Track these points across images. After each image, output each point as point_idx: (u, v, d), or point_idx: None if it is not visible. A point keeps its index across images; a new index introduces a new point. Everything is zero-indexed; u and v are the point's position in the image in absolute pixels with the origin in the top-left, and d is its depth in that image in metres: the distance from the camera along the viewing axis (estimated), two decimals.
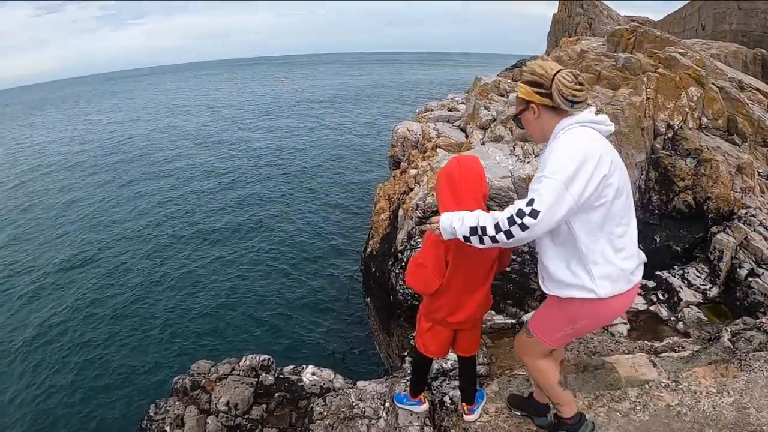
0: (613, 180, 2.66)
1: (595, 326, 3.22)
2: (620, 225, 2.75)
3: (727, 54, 19.51)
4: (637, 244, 2.92)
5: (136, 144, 42.02)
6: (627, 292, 2.84)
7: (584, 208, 2.65)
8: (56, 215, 25.26)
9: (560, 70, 2.76)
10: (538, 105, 2.88)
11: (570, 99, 2.73)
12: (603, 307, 2.85)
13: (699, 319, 7.42)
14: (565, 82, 2.71)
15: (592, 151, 2.61)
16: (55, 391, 12.01)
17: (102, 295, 16.32)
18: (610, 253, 2.75)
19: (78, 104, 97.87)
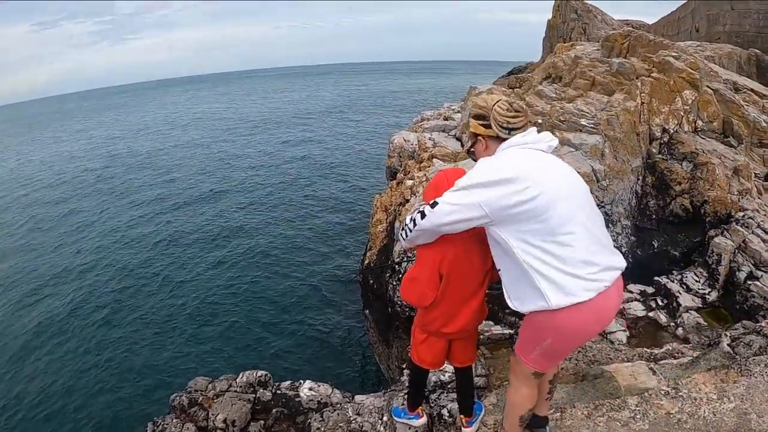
0: (537, 193, 2.67)
1: (566, 343, 3.03)
2: (563, 234, 2.71)
3: (722, 55, 19.54)
4: (599, 249, 2.82)
5: (137, 157, 42.15)
6: (588, 302, 2.74)
7: (512, 221, 2.75)
8: (51, 229, 25.36)
9: (498, 101, 2.94)
10: (484, 137, 3.07)
11: (506, 126, 2.91)
12: (561, 319, 2.78)
13: (698, 324, 7.39)
14: (500, 111, 2.91)
15: (508, 169, 2.73)
16: (51, 411, 11.98)
17: (95, 312, 16.32)
18: (556, 262, 2.72)
19: (76, 120, 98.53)
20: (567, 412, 4.13)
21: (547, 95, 13.26)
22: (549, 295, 2.74)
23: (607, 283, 2.74)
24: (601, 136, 10.22)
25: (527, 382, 3.31)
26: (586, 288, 2.71)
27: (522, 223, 2.73)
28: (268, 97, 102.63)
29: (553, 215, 2.69)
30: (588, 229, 2.77)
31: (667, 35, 34.12)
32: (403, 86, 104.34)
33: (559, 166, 2.90)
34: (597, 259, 2.75)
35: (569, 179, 2.87)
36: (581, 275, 2.70)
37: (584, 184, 2.97)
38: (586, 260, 2.72)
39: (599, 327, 2.93)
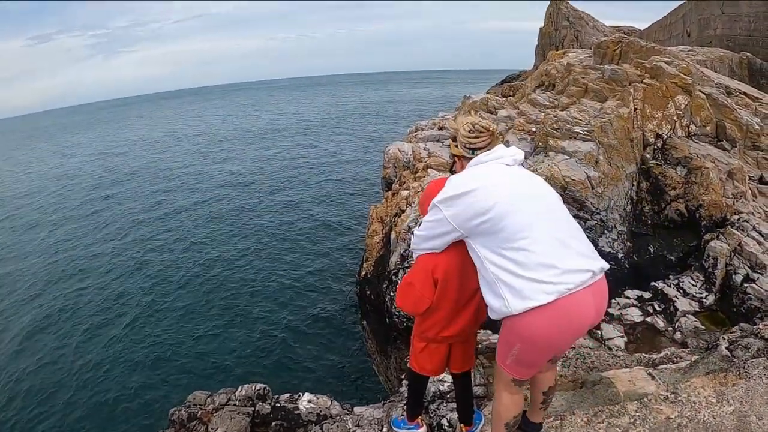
0: (493, 203, 2.79)
1: (535, 349, 2.97)
2: (520, 240, 2.73)
3: (713, 59, 19.65)
4: (562, 253, 2.80)
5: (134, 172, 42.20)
6: (549, 305, 2.72)
7: (476, 232, 2.89)
8: (46, 242, 25.29)
9: (465, 123, 3.10)
10: (458, 156, 3.21)
11: (469, 147, 3.07)
12: (523, 324, 2.77)
13: (696, 328, 7.40)
14: (463, 133, 3.08)
15: (465, 184, 2.90)
16: (49, 426, 11.93)
17: (90, 327, 16.23)
18: (514, 268, 2.74)
19: (71, 134, 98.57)
20: (566, 419, 4.11)
21: (541, 103, 13.33)
22: (509, 300, 2.76)
23: (570, 285, 2.69)
24: (595, 143, 10.26)
25: (508, 389, 3.28)
26: (544, 291, 2.68)
27: (484, 232, 2.84)
28: (263, 109, 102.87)
29: (508, 223, 2.74)
30: (549, 234, 2.76)
31: (658, 40, 34.28)
32: (397, 96, 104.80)
33: (520, 176, 2.99)
34: (558, 262, 2.70)
35: (529, 186, 2.95)
36: (539, 278, 2.68)
37: (551, 191, 3.03)
38: (544, 263, 2.70)
39: (568, 331, 2.86)
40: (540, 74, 16.17)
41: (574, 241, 2.86)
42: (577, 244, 2.87)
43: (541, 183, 3.05)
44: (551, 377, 3.57)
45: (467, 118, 3.14)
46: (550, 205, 2.92)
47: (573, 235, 2.88)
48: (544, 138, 10.99)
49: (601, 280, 2.86)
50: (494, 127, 3.11)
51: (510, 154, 3.01)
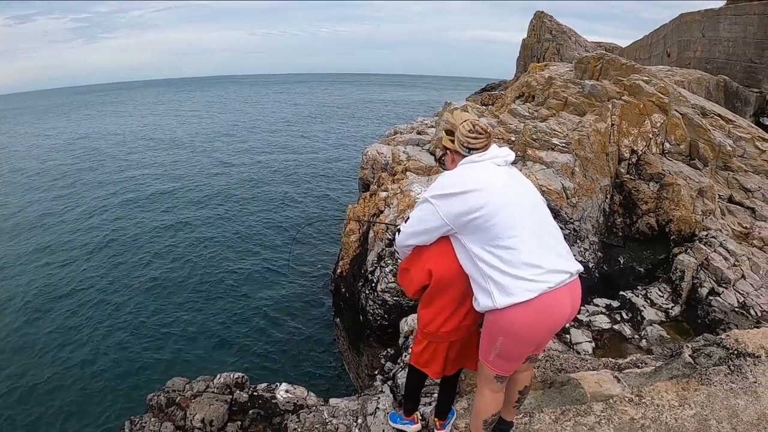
0: (484, 202, 2.93)
1: (516, 342, 3.10)
2: (508, 239, 2.90)
3: (691, 81, 19.99)
4: (546, 254, 2.96)
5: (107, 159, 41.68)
6: (530, 301, 2.87)
7: (466, 229, 3.04)
8: (22, 231, 24.92)
9: (465, 121, 3.17)
10: (451, 150, 3.30)
11: (466, 146, 3.15)
12: (506, 318, 2.95)
13: (661, 336, 7.60)
14: (463, 131, 3.14)
15: (460, 183, 3.04)
16: (28, 408, 11.84)
17: (76, 313, 16.09)
18: (501, 265, 2.91)
19: (49, 117, 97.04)
20: (535, 416, 4.24)
21: (521, 113, 13.51)
22: (494, 295, 2.94)
23: (551, 284, 2.87)
24: (572, 155, 10.47)
25: (491, 386, 3.41)
26: (528, 288, 2.86)
27: (474, 229, 2.98)
28: (241, 104, 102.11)
29: (498, 222, 2.90)
30: (535, 234, 2.95)
31: (639, 59, 34.73)
32: (375, 98, 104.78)
33: (510, 177, 3.13)
34: (542, 262, 2.89)
35: (518, 188, 3.10)
36: (523, 276, 2.87)
37: (537, 194, 3.19)
38: (529, 262, 2.88)
39: (547, 326, 3.03)
40: (521, 85, 16.37)
41: (555, 243, 3.05)
42: (558, 246, 3.06)
43: (529, 185, 3.21)
44: (528, 377, 3.71)
45: (464, 115, 3.25)
46: (536, 207, 3.11)
47: (555, 237, 3.08)
48: (523, 147, 11.16)
49: (576, 279, 3.05)
50: (491, 130, 3.24)
51: (502, 155, 3.16)
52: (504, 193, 2.97)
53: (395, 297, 8.60)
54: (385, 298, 8.64)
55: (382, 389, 5.79)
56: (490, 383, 3.39)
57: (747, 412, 4.03)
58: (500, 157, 3.15)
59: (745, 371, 4.44)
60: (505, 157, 3.16)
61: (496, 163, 3.14)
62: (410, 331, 6.92)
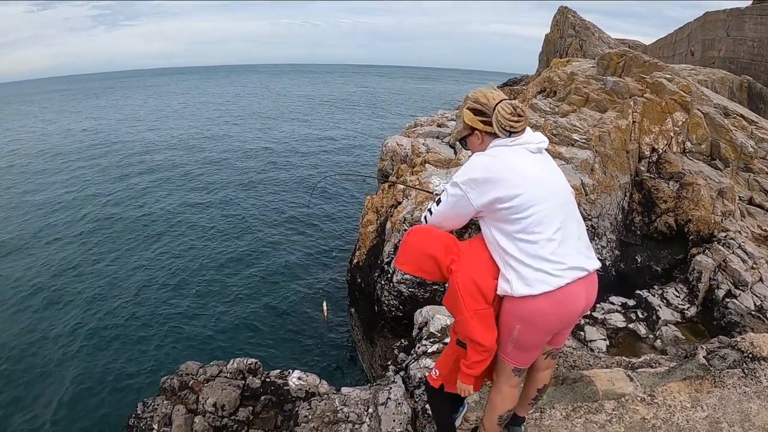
0: (519, 192, 2.84)
1: (532, 332, 3.12)
2: (536, 233, 2.87)
3: (714, 80, 19.80)
4: (568, 251, 2.95)
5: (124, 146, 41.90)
6: (547, 294, 2.91)
7: (495, 217, 2.95)
8: (42, 213, 25.13)
9: (501, 101, 2.97)
10: (481, 132, 3.09)
11: (508, 129, 2.95)
12: (523, 306, 2.94)
13: (676, 337, 7.56)
14: (504, 114, 2.93)
15: (496, 169, 2.89)
16: (43, 390, 11.99)
17: (90, 297, 16.23)
18: (523, 257, 2.88)
19: (74, 101, 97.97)
20: (546, 412, 4.23)
21: (542, 109, 13.43)
22: (513, 283, 2.92)
23: (568, 280, 2.87)
24: (592, 151, 10.41)
25: (509, 381, 3.37)
26: (546, 282, 2.86)
27: (503, 219, 2.91)
28: (264, 93, 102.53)
29: (527, 216, 2.84)
30: (561, 230, 2.91)
31: (662, 57, 34.41)
32: (397, 90, 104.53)
33: (544, 167, 3.03)
34: (563, 259, 2.88)
35: (552, 181, 3.01)
36: (544, 269, 2.86)
37: (568, 186, 3.12)
38: (551, 258, 2.87)
39: (561, 317, 3.02)
40: (542, 80, 16.28)
41: (578, 240, 3.03)
42: (581, 243, 3.04)
43: (561, 177, 3.13)
44: (548, 375, 3.66)
45: (499, 95, 3.05)
46: (566, 201, 3.05)
47: (579, 233, 3.04)
48: None
49: (593, 275, 3.04)
50: (525, 110, 3.08)
51: (536, 141, 3.04)
52: (537, 186, 2.90)
53: (411, 288, 8.60)
54: (401, 289, 8.65)
55: (394, 379, 5.79)
56: (508, 378, 3.35)
57: (760, 416, 4.00)
58: (534, 144, 3.03)
59: (759, 375, 4.41)
60: (538, 144, 3.04)
61: (530, 149, 3.01)
62: (424, 322, 6.92)
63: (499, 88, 3.46)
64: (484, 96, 3.03)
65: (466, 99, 3.16)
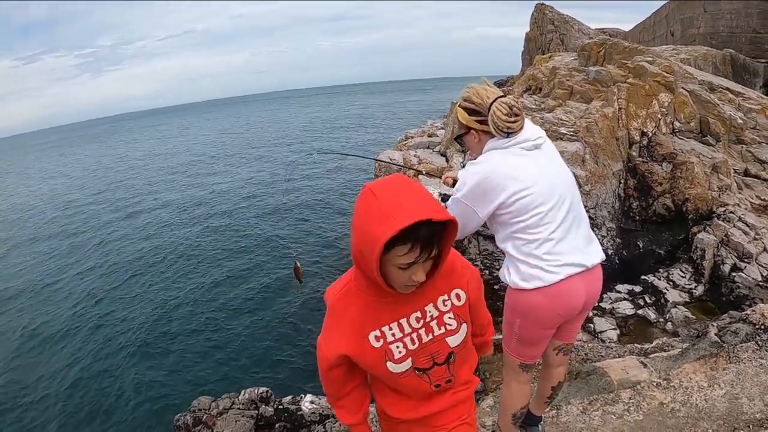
0: (520, 197, 2.79)
1: (530, 326, 3.06)
2: (537, 233, 2.82)
3: (697, 57, 19.81)
4: (567, 248, 2.89)
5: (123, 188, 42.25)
6: (543, 288, 2.87)
7: (498, 220, 2.90)
8: (44, 260, 25.23)
9: (496, 100, 2.87)
10: (478, 131, 3.01)
11: (506, 131, 2.85)
12: (519, 299, 2.92)
13: (686, 317, 7.51)
14: (500, 115, 2.83)
15: (491, 177, 2.82)
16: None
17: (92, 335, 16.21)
18: (518, 254, 2.84)
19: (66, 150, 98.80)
20: (562, 409, 4.17)
21: (528, 107, 13.43)
22: (511, 275, 2.91)
23: (562, 276, 2.81)
24: (581, 142, 10.39)
25: (516, 377, 3.33)
26: (542, 278, 2.83)
27: (503, 221, 2.87)
28: (254, 121, 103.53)
29: (531, 216, 2.79)
30: (561, 227, 2.86)
31: (643, 41, 34.48)
32: (386, 105, 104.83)
33: (544, 164, 2.94)
34: (562, 257, 2.82)
35: (552, 177, 2.93)
36: (542, 267, 2.82)
37: (570, 178, 3.03)
38: (549, 256, 2.82)
39: (558, 311, 2.96)
40: (527, 78, 16.31)
41: (578, 235, 2.97)
42: (580, 238, 2.97)
43: (561, 169, 3.05)
44: (562, 372, 3.59)
45: (494, 92, 2.94)
46: (567, 196, 2.97)
47: (580, 228, 2.99)
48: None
49: (594, 269, 2.99)
50: (522, 105, 2.99)
51: (532, 139, 2.95)
52: (537, 188, 2.83)
53: None
54: None
55: None
56: (515, 374, 3.31)
57: None
58: (530, 141, 2.93)
59: None
60: (535, 141, 2.93)
61: (526, 148, 2.92)
62: None
63: None
64: (477, 95, 2.94)
65: (462, 98, 3.07)
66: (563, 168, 3.06)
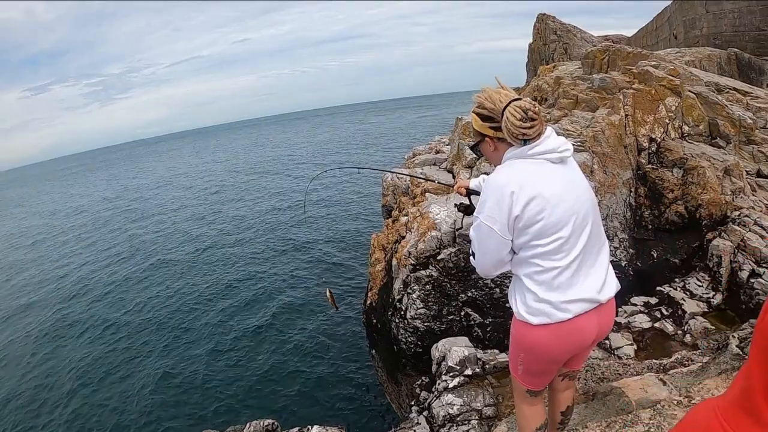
0: (538, 219, 2.60)
1: (535, 359, 2.90)
2: (550, 260, 2.62)
3: (702, 59, 19.69)
4: (579, 281, 2.65)
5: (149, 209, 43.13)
6: (550, 325, 2.70)
7: (515, 242, 2.72)
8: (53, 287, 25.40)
9: (510, 104, 2.66)
10: (492, 138, 2.82)
11: (521, 138, 2.64)
12: (524, 333, 2.82)
13: (706, 328, 7.31)
14: (513, 121, 2.62)
15: (514, 198, 2.59)
16: None
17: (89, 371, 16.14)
18: (530, 283, 2.69)
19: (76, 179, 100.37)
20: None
21: None
22: (517, 305, 2.81)
23: (572, 314, 2.65)
24: (589, 153, 10.22)
25: (526, 400, 3.24)
26: (546, 314, 2.67)
27: (522, 242, 2.69)
28: (260, 144, 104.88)
29: (550, 241, 2.62)
30: (577, 260, 2.67)
31: (646, 45, 34.44)
32: (392, 123, 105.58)
33: (568, 182, 2.72)
34: (573, 292, 2.64)
35: (575, 199, 2.69)
36: (550, 301, 2.65)
37: (590, 203, 2.80)
38: (560, 289, 2.64)
39: (564, 348, 2.80)
40: (532, 90, 16.20)
41: (596, 265, 2.77)
42: (598, 268, 2.78)
43: (584, 189, 2.81)
44: (569, 396, 3.48)
45: (508, 95, 2.73)
46: (589, 221, 2.76)
47: (599, 257, 2.79)
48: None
49: (608, 302, 2.83)
50: (538, 107, 2.74)
51: (558, 149, 2.71)
52: (559, 209, 2.62)
53: (426, 322, 8.40)
54: (416, 324, 8.43)
55: (418, 421, 5.59)
56: (525, 398, 3.22)
57: None
58: (556, 153, 2.68)
59: None
60: (561, 153, 2.70)
61: (551, 160, 2.68)
62: (442, 356, 6.74)
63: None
64: (489, 99, 2.74)
65: (474, 102, 2.88)
66: (586, 186, 2.84)
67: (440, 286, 8.42)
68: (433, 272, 8.37)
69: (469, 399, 5.13)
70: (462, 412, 4.80)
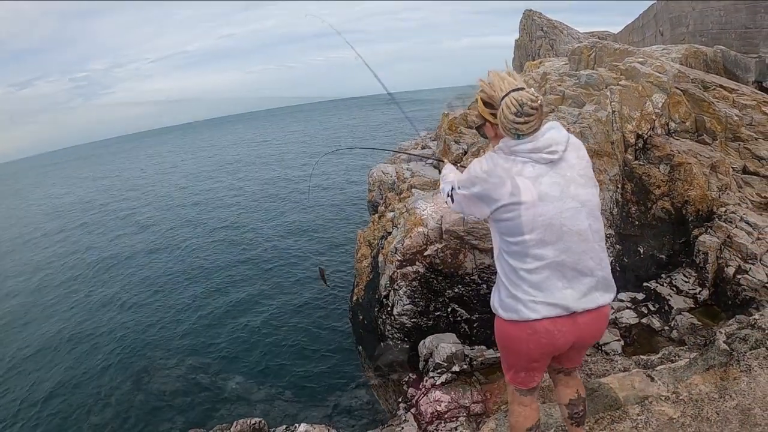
0: (511, 217, 2.56)
1: (511, 355, 2.84)
2: (533, 261, 2.57)
3: (688, 56, 19.75)
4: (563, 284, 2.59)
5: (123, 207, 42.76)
6: (521, 323, 2.64)
7: (494, 229, 2.73)
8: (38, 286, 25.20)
9: (509, 93, 2.55)
10: (493, 124, 2.78)
11: (514, 132, 2.55)
12: (499, 326, 2.83)
13: (692, 324, 7.36)
14: (507, 114, 2.53)
15: (489, 181, 2.60)
16: None
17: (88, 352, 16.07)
18: (507, 281, 2.66)
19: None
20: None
21: None
22: (494, 299, 2.82)
23: (539, 316, 2.58)
24: None
25: (516, 399, 3.21)
26: (516, 311, 2.62)
27: (503, 230, 2.64)
28: (247, 139, 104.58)
29: (522, 241, 2.56)
30: (556, 262, 2.57)
31: (633, 42, 34.56)
32: (378, 119, 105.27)
33: (554, 186, 2.58)
34: (544, 294, 2.58)
35: (561, 206, 2.57)
36: (525, 300, 2.58)
37: (590, 209, 2.66)
38: (530, 290, 2.58)
39: (540, 348, 2.71)
40: None
41: (579, 280, 2.68)
42: (580, 282, 2.68)
43: (578, 195, 2.64)
44: (570, 392, 3.38)
45: (511, 82, 2.60)
46: (575, 233, 2.61)
47: (584, 265, 2.67)
48: None
49: (597, 311, 2.73)
50: (541, 100, 2.59)
51: (545, 150, 2.60)
52: (530, 212, 2.53)
53: (413, 319, 8.38)
54: (403, 321, 8.42)
55: (405, 418, 5.58)
56: (515, 397, 3.21)
57: None
58: (541, 154, 2.57)
59: None
60: (548, 155, 2.57)
61: (536, 160, 2.57)
62: (429, 353, 6.73)
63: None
64: (490, 85, 2.65)
65: (479, 90, 2.82)
66: (584, 195, 2.66)
67: (427, 282, 8.42)
68: (419, 268, 8.36)
69: (457, 396, 5.13)
70: (450, 408, 4.79)
